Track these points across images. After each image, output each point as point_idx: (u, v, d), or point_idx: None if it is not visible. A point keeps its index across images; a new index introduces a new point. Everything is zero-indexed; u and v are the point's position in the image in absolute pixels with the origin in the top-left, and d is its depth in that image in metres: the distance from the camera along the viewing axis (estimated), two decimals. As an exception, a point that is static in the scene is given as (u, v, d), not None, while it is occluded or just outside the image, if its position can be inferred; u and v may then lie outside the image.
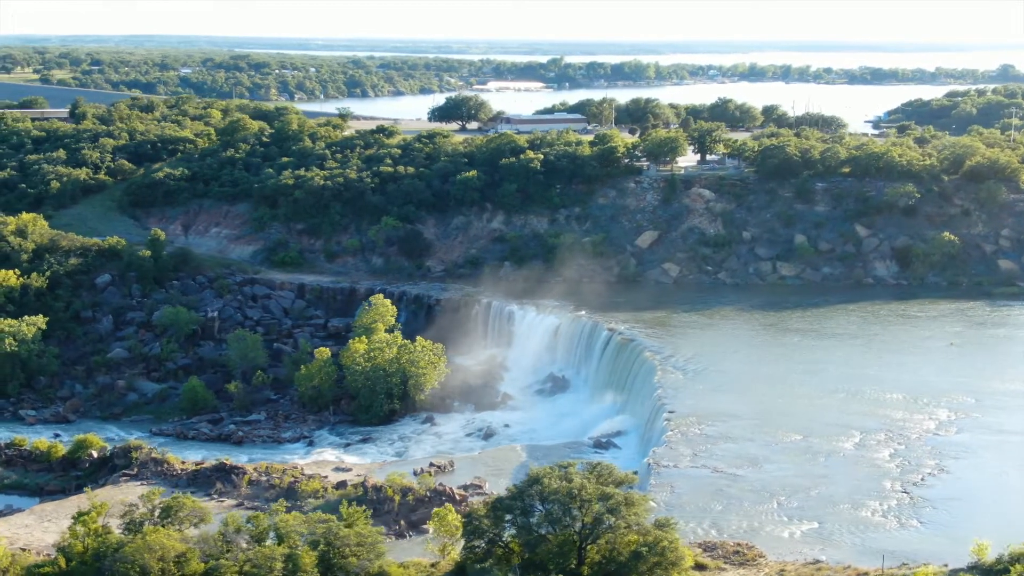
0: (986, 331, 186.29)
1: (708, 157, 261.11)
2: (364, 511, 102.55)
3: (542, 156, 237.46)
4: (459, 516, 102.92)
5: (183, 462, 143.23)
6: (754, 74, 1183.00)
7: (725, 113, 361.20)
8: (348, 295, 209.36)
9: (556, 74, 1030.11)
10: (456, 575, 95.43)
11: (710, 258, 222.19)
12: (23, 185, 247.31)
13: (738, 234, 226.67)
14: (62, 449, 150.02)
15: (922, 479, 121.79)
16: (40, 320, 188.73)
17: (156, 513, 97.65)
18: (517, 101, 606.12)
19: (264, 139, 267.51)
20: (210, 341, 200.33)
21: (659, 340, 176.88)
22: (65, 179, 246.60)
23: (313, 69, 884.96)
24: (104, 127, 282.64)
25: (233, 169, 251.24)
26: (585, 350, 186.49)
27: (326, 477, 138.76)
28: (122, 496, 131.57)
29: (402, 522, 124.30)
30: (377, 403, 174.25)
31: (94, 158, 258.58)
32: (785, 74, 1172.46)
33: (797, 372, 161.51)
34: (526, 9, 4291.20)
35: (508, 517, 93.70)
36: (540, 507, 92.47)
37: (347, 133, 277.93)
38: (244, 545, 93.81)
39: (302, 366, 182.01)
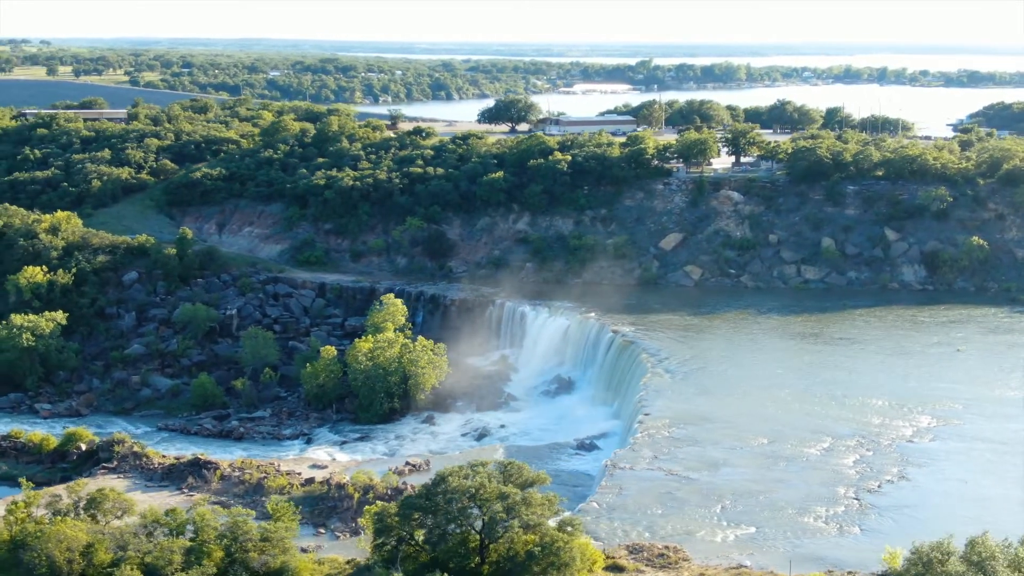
0: (998, 337, 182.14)
1: (743, 159, 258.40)
2: (292, 507, 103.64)
3: (569, 158, 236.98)
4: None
5: (163, 456, 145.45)
6: (849, 76, 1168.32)
7: (783, 115, 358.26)
8: (368, 294, 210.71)
9: (644, 76, 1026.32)
10: (356, 572, 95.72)
11: (733, 261, 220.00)
12: (65, 184, 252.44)
13: (764, 237, 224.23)
14: (54, 442, 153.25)
15: (878, 486, 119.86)
16: (60, 316, 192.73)
17: (81, 504, 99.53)
18: (601, 104, 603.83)
19: (306, 140, 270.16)
20: (228, 338, 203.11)
21: (660, 343, 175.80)
22: (106, 178, 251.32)
23: (399, 73, 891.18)
24: (153, 127, 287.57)
25: (270, 169, 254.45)
26: (591, 352, 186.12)
27: (299, 474, 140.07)
28: (96, 488, 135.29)
29: (358, 519, 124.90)
30: (377, 402, 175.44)
31: (137, 158, 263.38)
32: (881, 76, 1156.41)
33: (788, 376, 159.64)
34: (627, 11, 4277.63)
35: (416, 515, 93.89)
36: (444, 506, 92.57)
37: (388, 135, 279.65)
38: (159, 538, 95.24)
39: (307, 364, 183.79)
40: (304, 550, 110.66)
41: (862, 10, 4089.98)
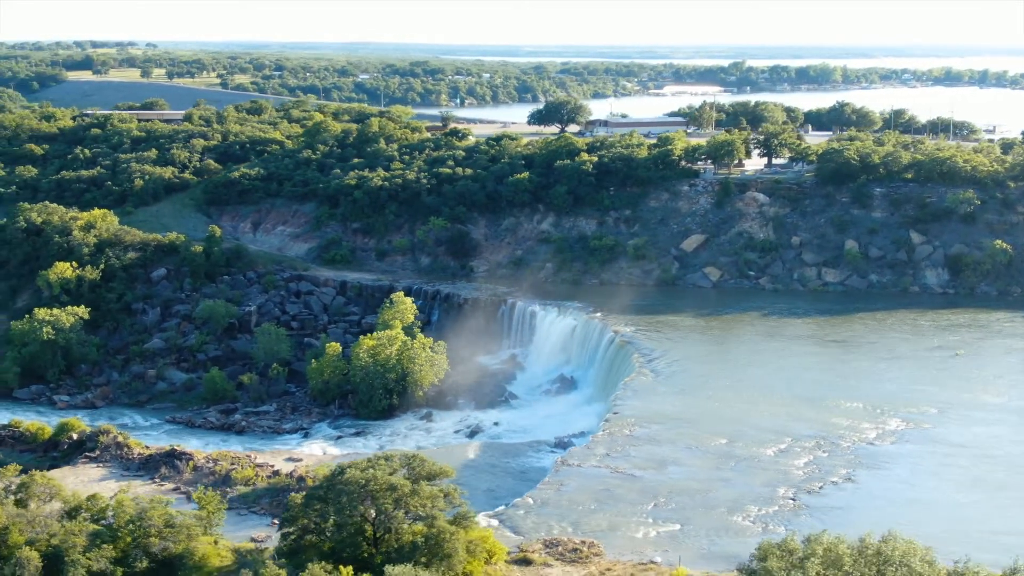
0: (1001, 342, 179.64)
1: (775, 161, 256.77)
2: (217, 496, 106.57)
3: (595, 159, 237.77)
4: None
5: (146, 447, 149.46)
6: (949, 78, 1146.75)
7: (841, 117, 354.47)
8: (387, 293, 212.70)
9: (737, 78, 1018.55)
10: (237, 559, 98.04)
11: (754, 263, 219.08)
12: (109, 183, 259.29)
13: (787, 239, 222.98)
14: (48, 431, 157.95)
15: (820, 487, 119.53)
16: (82, 311, 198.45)
17: (13, 488, 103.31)
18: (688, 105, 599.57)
19: (347, 141, 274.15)
20: (246, 334, 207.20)
21: (657, 343, 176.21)
22: (148, 177, 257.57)
23: (487, 76, 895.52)
24: (204, 128, 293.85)
25: (307, 170, 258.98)
26: (593, 351, 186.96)
27: (272, 466, 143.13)
28: (73, 476, 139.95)
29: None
30: (376, 398, 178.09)
31: (182, 158, 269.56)
32: (982, 79, 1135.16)
33: (771, 378, 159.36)
34: (728, 13, 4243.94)
35: (317, 506, 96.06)
36: (340, 497, 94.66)
37: (425, 136, 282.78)
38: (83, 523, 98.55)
39: (313, 360, 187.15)
40: (255, 539, 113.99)
41: (966, 10, 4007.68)
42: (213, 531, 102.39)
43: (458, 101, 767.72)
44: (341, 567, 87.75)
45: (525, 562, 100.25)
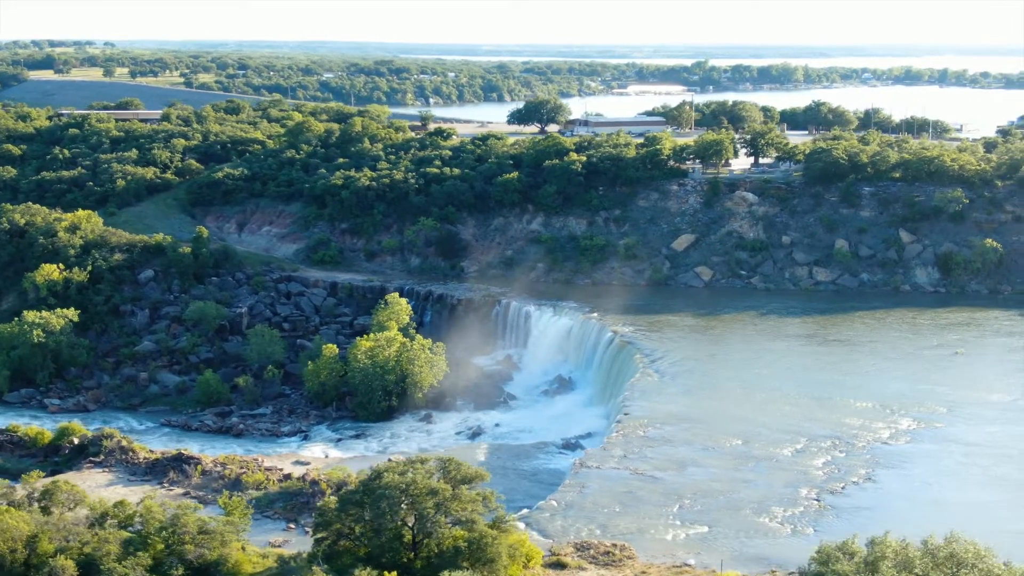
0: (999, 340, 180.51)
1: (762, 160, 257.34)
2: (243, 501, 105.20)
3: (584, 159, 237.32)
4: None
5: (151, 451, 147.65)
6: (909, 78, 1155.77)
7: (817, 116, 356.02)
8: (378, 293, 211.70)
9: (700, 77, 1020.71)
10: (279, 566, 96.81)
11: (745, 262, 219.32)
12: (91, 183, 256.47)
13: (778, 238, 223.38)
14: (48, 436, 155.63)
15: (842, 487, 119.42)
16: (72, 313, 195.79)
17: (35, 496, 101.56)
18: (654, 105, 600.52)
19: (330, 141, 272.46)
20: (238, 336, 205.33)
21: (657, 343, 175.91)
22: (130, 178, 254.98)
23: (452, 75, 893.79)
24: (183, 128, 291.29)
25: (291, 170, 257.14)
26: (591, 352, 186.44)
27: (281, 470, 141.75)
28: (80, 481, 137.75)
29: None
30: (375, 400, 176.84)
31: (164, 158, 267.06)
32: (942, 78, 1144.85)
33: (775, 377, 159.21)
34: (688, 12, 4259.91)
35: (353, 510, 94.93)
36: (379, 502, 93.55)
37: (409, 135, 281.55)
38: (111, 530, 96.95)
39: (309, 362, 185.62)
40: (273, 544, 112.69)
41: (925, 10, 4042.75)
42: (240, 537, 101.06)
43: (424, 100, 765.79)
44: (385, 572, 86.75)
45: (559, 566, 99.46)
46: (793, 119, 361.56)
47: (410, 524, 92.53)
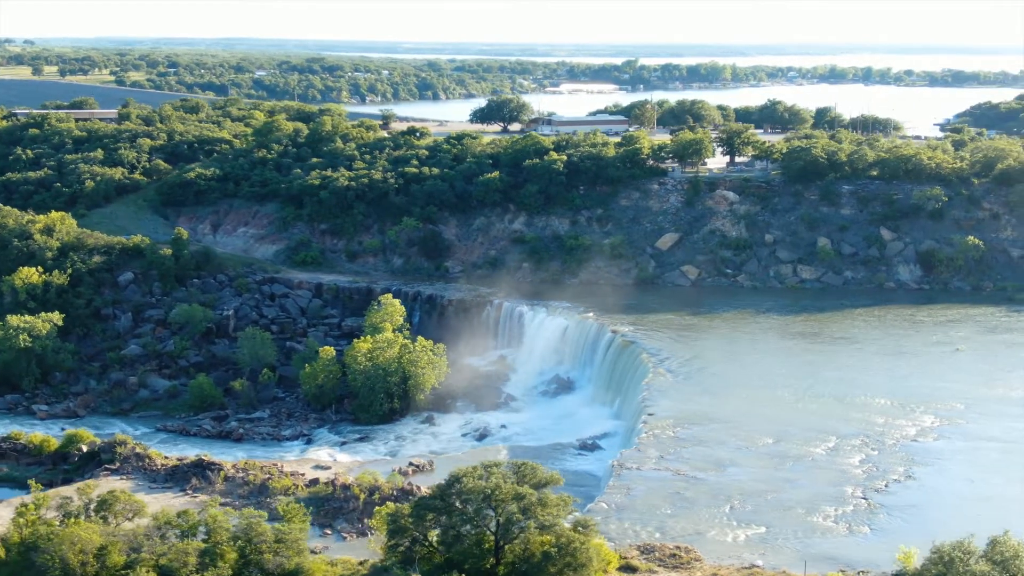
0: (996, 336, 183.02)
1: (738, 159, 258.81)
2: (303, 508, 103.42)
3: (565, 158, 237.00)
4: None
5: (166, 457, 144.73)
6: (834, 76, 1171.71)
7: (774, 115, 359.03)
8: (365, 295, 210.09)
9: (631, 76, 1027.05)
10: (372, 573, 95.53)
11: (730, 261, 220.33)
12: (58, 184, 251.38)
13: (760, 237, 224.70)
14: (55, 443, 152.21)
15: (886, 485, 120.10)
16: (56, 317, 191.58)
17: (91, 506, 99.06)
18: (588, 104, 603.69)
19: (300, 140, 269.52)
20: (225, 339, 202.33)
21: (660, 343, 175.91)
22: (99, 178, 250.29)
23: (386, 72, 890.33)
24: (146, 127, 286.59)
25: (264, 169, 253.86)
26: (590, 352, 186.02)
27: (303, 475, 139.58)
28: (98, 490, 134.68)
29: (365, 520, 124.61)
30: (376, 402, 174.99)
31: (131, 158, 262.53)
32: (866, 76, 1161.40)
33: (789, 376, 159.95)
34: (610, 11, 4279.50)
35: (430, 516, 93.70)
36: (459, 506, 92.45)
37: (381, 135, 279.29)
38: (172, 540, 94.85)
39: (306, 365, 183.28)
40: (312, 551, 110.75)
41: (846, 10, 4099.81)
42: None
43: (360, 98, 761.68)
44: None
45: (630, 569, 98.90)
46: (747, 118, 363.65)
47: (492, 529, 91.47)
